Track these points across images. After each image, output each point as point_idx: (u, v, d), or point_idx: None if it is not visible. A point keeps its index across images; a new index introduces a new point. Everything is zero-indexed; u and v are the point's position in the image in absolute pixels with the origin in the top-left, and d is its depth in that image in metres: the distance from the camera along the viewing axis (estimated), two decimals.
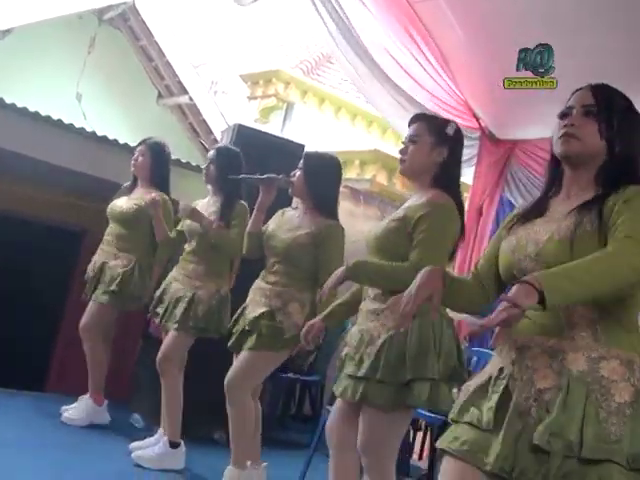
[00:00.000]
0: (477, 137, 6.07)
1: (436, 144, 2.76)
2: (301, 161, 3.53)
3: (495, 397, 1.81)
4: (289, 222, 3.53)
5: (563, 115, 1.94)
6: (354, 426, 2.72)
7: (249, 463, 3.50)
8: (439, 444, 1.91)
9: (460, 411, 1.89)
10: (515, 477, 1.71)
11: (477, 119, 5.97)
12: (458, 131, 2.84)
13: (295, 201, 3.72)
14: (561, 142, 1.90)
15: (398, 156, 2.85)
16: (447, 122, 2.84)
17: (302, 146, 4.89)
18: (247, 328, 3.45)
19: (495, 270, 2.00)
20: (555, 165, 1.98)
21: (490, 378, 1.87)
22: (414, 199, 2.79)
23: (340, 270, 2.66)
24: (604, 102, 1.90)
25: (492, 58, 5.06)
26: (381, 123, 10.53)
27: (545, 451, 1.67)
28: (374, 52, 5.41)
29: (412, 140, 2.78)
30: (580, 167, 1.90)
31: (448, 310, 2.60)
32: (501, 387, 1.82)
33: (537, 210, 1.95)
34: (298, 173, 3.48)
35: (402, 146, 2.83)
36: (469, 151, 6.13)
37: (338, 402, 2.85)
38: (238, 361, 3.47)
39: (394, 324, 2.53)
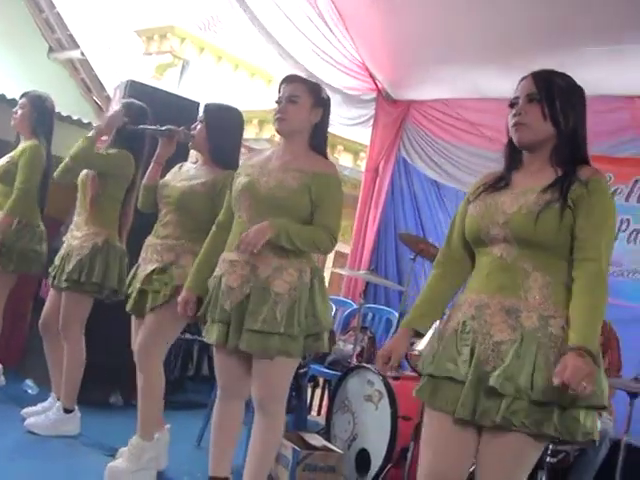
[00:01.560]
0: (373, 98, 6.12)
1: (314, 105, 2.86)
2: (201, 114, 3.47)
3: (466, 350, 2.04)
4: (185, 173, 3.47)
5: (512, 105, 2.13)
6: (244, 375, 2.86)
7: (156, 435, 3.41)
8: (416, 393, 2.15)
9: (437, 366, 2.09)
10: (477, 419, 1.98)
11: (374, 80, 6.02)
12: (329, 98, 2.96)
13: (194, 155, 3.66)
14: (514, 132, 2.11)
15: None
16: (320, 86, 2.97)
17: (197, 103, 4.83)
18: (142, 287, 3.36)
19: (466, 241, 2.21)
20: (513, 145, 2.16)
21: (456, 331, 2.09)
22: (296, 160, 2.83)
23: (262, 228, 2.68)
24: (544, 87, 2.08)
25: (390, 21, 5.10)
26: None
27: (500, 394, 1.93)
28: (269, 13, 5.36)
29: (292, 100, 2.82)
30: (536, 150, 2.11)
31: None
32: (469, 340, 2.05)
33: (503, 182, 2.15)
34: (199, 126, 3.42)
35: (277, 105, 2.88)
36: (366, 112, 6.20)
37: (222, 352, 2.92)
38: (145, 326, 3.36)
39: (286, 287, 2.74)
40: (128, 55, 11.70)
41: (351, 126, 6.28)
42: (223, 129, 3.40)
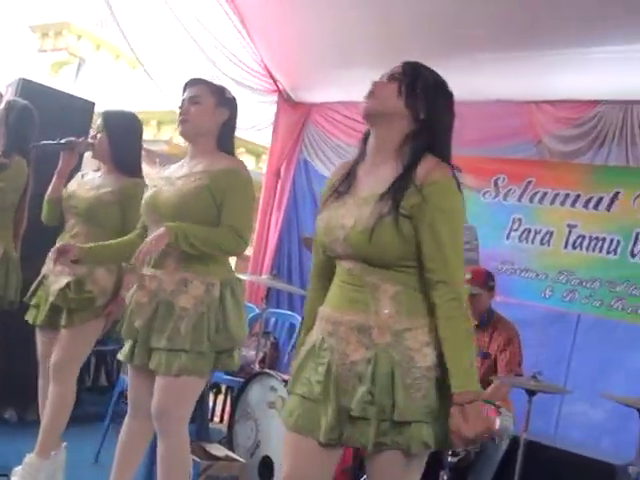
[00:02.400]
0: (275, 99, 6.09)
1: (218, 105, 2.77)
2: (100, 122, 3.36)
3: (321, 369, 1.92)
4: (90, 183, 3.37)
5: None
6: (148, 393, 2.70)
7: (53, 453, 3.28)
8: (286, 420, 2.00)
9: (294, 382, 1.99)
10: (343, 442, 1.90)
11: (275, 81, 5.98)
12: (234, 98, 2.89)
13: (94, 163, 3.54)
14: (364, 102, 1.97)
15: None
16: (224, 88, 2.89)
17: (92, 103, 4.68)
18: (53, 301, 3.25)
19: None
20: (367, 133, 2.03)
21: (314, 347, 1.97)
22: (201, 163, 2.73)
23: (159, 235, 2.53)
24: (410, 71, 1.97)
25: (289, 21, 5.07)
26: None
27: (364, 417, 1.83)
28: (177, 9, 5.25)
29: (195, 101, 2.74)
30: (382, 130, 1.96)
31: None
32: (325, 359, 1.92)
33: (347, 185, 2.00)
34: (99, 135, 3.34)
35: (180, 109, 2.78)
36: (267, 114, 6.16)
37: (132, 371, 2.81)
38: (61, 343, 3.25)
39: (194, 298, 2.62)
40: (22, 52, 11.23)
41: (252, 128, 6.21)
42: (124, 136, 3.34)
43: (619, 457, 3.93)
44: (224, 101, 2.79)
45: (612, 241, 4.72)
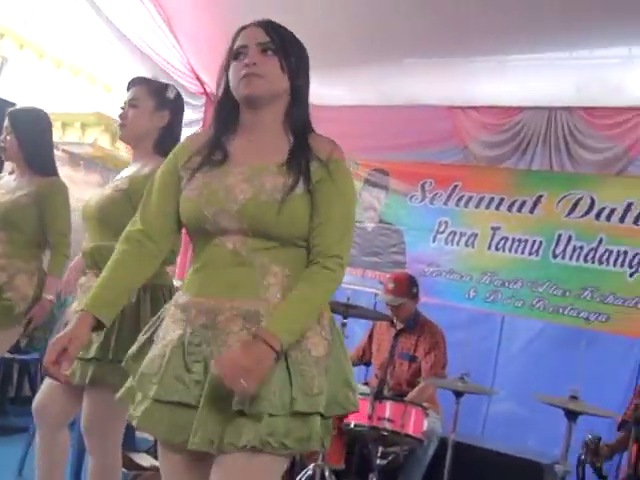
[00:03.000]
0: (203, 102, 6.02)
1: (157, 108, 2.64)
2: (7, 123, 3.26)
3: (198, 367, 1.67)
4: (6, 186, 3.27)
5: (237, 55, 1.79)
6: (68, 405, 2.60)
7: None
8: (138, 423, 1.72)
9: (151, 384, 1.70)
10: (217, 447, 1.62)
11: (202, 84, 5.91)
12: (179, 95, 2.74)
13: (10, 165, 3.46)
14: (244, 84, 1.75)
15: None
16: (167, 86, 2.73)
17: (13, 104, 4.54)
18: None
19: (172, 223, 1.84)
20: (229, 106, 1.84)
21: (183, 344, 1.70)
22: (136, 167, 2.64)
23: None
24: (279, 38, 1.80)
25: (214, 22, 5.02)
26: (105, 83, 10.03)
27: (247, 415, 1.61)
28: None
29: (132, 104, 2.63)
30: (263, 108, 1.79)
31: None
32: (201, 355, 1.68)
33: (220, 153, 1.79)
34: (9, 137, 3.24)
35: (121, 111, 2.67)
36: (195, 115, 6.08)
37: (47, 380, 2.67)
38: None
39: None
40: None
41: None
42: (33, 135, 3.25)
43: (546, 456, 4.03)
44: (164, 103, 2.65)
45: (534, 243, 4.84)
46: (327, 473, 3.66)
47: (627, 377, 4.47)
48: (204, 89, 5.94)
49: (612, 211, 4.61)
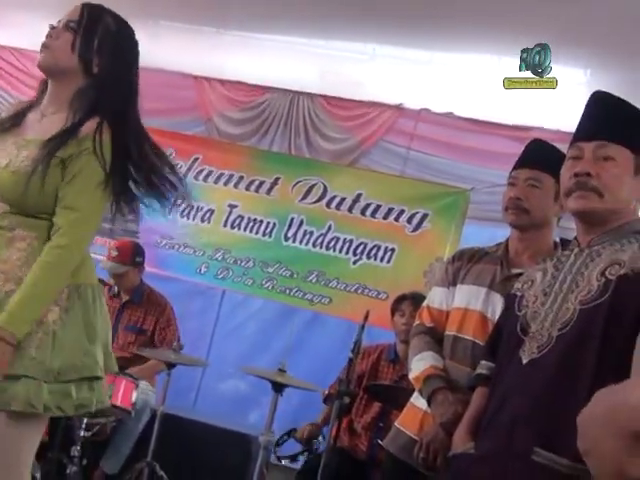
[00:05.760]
0: None
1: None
2: None
3: None
4: None
5: (52, 28, 1.89)
6: None
7: None
8: None
9: None
10: None
11: None
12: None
13: None
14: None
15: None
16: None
17: None
18: None
19: None
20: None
21: None
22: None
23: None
24: (88, 19, 1.85)
25: None
26: None
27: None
28: None
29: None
30: (57, 83, 1.88)
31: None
32: None
33: (11, 123, 1.91)
34: None
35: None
36: None
37: None
38: None
39: None
40: None
41: None
42: None
43: (257, 429, 4.11)
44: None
45: (269, 224, 4.90)
46: None
47: (344, 356, 4.69)
48: None
49: (342, 200, 4.78)
